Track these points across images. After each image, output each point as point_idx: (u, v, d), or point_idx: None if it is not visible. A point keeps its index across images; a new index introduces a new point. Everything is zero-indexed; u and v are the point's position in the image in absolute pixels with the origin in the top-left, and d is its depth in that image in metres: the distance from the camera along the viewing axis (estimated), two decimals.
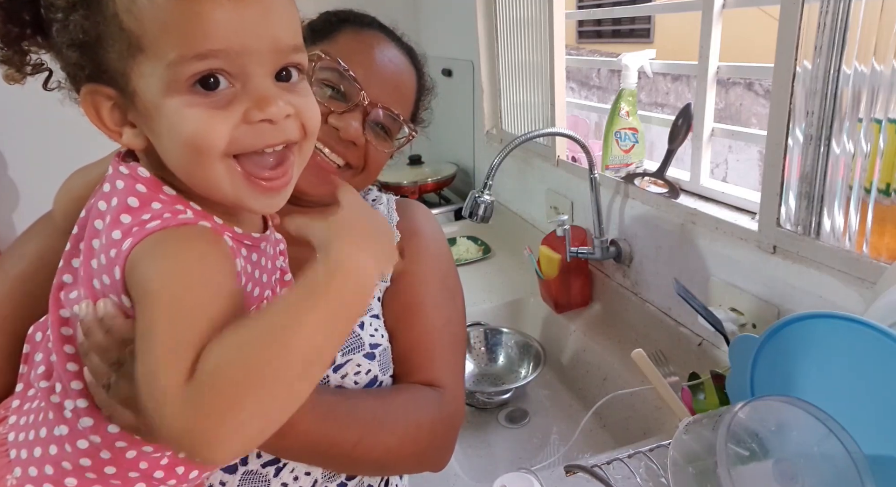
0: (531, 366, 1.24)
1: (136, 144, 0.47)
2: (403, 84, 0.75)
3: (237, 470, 0.65)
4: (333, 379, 0.68)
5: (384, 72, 0.73)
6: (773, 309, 0.89)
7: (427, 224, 0.84)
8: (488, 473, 1.04)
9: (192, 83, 0.43)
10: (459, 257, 1.64)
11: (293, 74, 0.49)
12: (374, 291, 0.46)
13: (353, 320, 0.45)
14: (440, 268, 0.80)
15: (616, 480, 0.65)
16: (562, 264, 1.25)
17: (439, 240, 0.84)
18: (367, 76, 0.70)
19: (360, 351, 0.70)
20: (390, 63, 0.74)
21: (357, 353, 0.70)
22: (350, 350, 0.70)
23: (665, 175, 1.16)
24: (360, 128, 0.69)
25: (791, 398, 0.54)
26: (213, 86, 0.44)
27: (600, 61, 1.47)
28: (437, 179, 1.99)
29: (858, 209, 0.77)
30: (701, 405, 0.84)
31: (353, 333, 0.71)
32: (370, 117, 0.70)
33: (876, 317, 0.58)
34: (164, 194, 0.47)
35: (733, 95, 5.12)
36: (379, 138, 0.72)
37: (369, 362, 0.70)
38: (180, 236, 0.45)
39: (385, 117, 0.72)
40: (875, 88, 0.71)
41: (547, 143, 1.49)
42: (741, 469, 0.51)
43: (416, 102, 0.79)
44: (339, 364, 0.69)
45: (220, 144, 0.44)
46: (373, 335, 0.72)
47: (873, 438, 0.54)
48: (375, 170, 0.75)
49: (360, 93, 0.69)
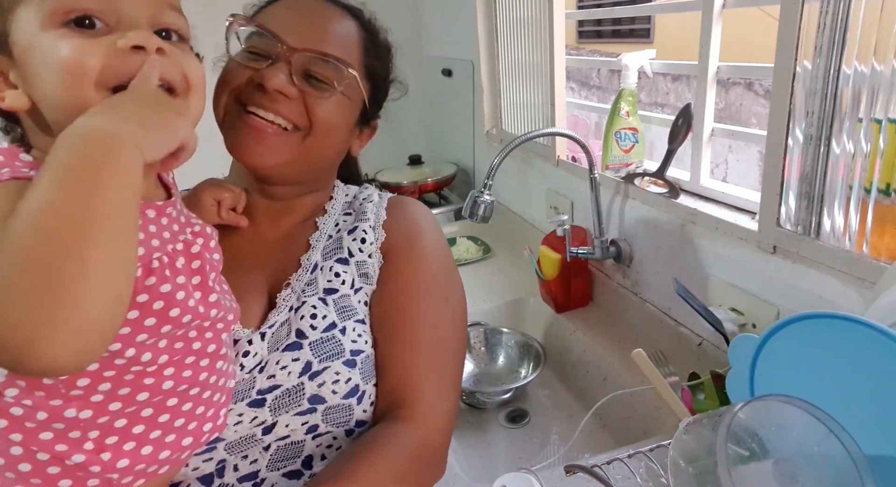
0: (531, 366, 1.24)
1: (18, 104, 0.47)
2: (334, 29, 0.69)
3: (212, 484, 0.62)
4: (310, 388, 0.63)
5: (305, 18, 0.67)
6: (773, 309, 0.89)
7: (421, 223, 0.78)
8: (488, 473, 1.04)
9: (67, 21, 0.45)
10: (459, 258, 1.64)
11: (172, 35, 0.51)
12: (133, 155, 0.42)
13: (110, 184, 0.41)
14: (430, 269, 0.74)
15: (616, 480, 0.65)
16: (562, 264, 1.25)
17: (433, 239, 0.78)
18: (286, 26, 0.65)
19: (340, 358, 0.65)
20: (313, 11, 0.69)
21: (336, 360, 0.65)
22: (328, 357, 0.65)
23: (665, 175, 1.16)
24: (286, 78, 0.64)
25: (791, 398, 0.54)
26: (88, 26, 0.46)
27: (600, 61, 1.47)
28: (437, 179, 1.99)
29: (858, 209, 0.77)
30: (701, 405, 0.84)
31: (334, 338, 0.66)
32: (297, 65, 0.65)
33: (876, 317, 0.58)
34: (20, 161, 0.47)
35: (733, 95, 5.12)
36: (314, 87, 0.66)
37: (349, 369, 0.65)
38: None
39: (314, 61, 0.66)
40: (875, 88, 0.71)
41: (547, 143, 1.49)
42: (741, 469, 0.51)
43: (366, 52, 0.72)
44: (317, 371, 0.64)
45: (92, 68, 0.45)
46: (355, 342, 0.67)
47: (873, 438, 0.54)
48: (325, 127, 0.68)
49: (277, 44, 0.64)
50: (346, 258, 0.72)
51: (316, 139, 0.68)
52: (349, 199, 0.81)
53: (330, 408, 0.64)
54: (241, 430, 0.62)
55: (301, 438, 0.63)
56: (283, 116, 0.65)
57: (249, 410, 0.61)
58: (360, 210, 0.77)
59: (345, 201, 0.80)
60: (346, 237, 0.73)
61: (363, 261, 0.72)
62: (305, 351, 0.64)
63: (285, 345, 0.64)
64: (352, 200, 0.80)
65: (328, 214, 0.77)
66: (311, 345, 0.64)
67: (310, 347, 0.64)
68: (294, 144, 0.67)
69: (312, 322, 0.65)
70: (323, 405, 0.64)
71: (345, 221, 0.76)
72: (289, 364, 0.63)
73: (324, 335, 0.65)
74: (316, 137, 0.68)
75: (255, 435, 0.62)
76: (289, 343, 0.64)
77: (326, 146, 0.71)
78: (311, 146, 0.68)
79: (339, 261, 0.71)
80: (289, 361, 0.63)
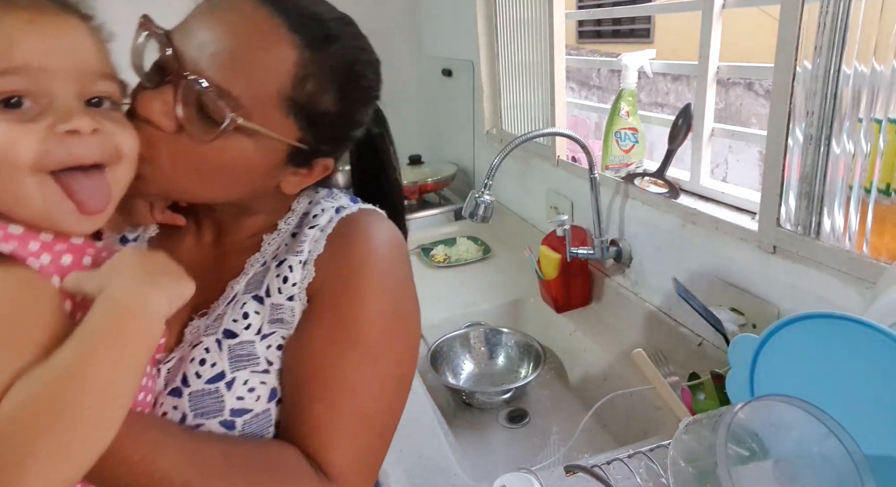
0: (531, 366, 1.24)
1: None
2: (243, 53, 0.53)
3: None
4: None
5: (212, 33, 0.53)
6: (773, 309, 0.89)
7: (369, 257, 0.61)
8: (488, 473, 1.04)
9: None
10: (459, 258, 1.64)
11: (104, 102, 0.49)
12: (161, 319, 0.44)
13: (146, 353, 0.45)
14: (361, 319, 0.59)
15: (616, 480, 0.65)
16: (562, 264, 1.25)
17: (377, 280, 0.61)
18: (188, 40, 0.53)
19: (216, 417, 0.55)
20: (229, 27, 0.53)
21: (211, 418, 0.55)
22: (203, 414, 0.55)
23: (665, 175, 1.16)
24: (161, 107, 0.52)
25: (791, 398, 0.54)
26: (16, 105, 0.44)
27: (600, 61, 1.47)
28: (437, 180, 1.99)
29: (858, 209, 0.77)
30: (701, 405, 0.84)
31: (216, 393, 0.56)
32: (183, 93, 0.52)
33: (876, 317, 0.58)
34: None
35: (733, 95, 5.12)
36: (197, 125, 0.52)
37: (226, 430, 0.55)
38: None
39: (204, 92, 0.51)
40: (875, 88, 0.71)
41: (547, 143, 1.49)
42: (741, 469, 0.51)
43: (298, 83, 0.54)
44: (193, 425, 0.55)
45: (26, 156, 0.44)
46: (241, 399, 0.56)
47: (873, 438, 0.54)
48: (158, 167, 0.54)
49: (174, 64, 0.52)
50: (263, 297, 0.59)
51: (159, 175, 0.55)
52: (306, 215, 0.65)
53: None
54: None
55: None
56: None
57: None
58: (300, 238, 0.62)
59: (301, 217, 0.65)
60: (272, 271, 0.60)
61: (279, 304, 0.59)
62: (184, 401, 0.55)
63: (171, 389, 0.56)
64: (303, 217, 0.65)
65: (278, 231, 0.64)
66: (189, 396, 0.55)
67: (188, 398, 0.55)
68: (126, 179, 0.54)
69: (199, 369, 0.56)
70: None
71: (286, 245, 0.63)
72: (169, 412, 0.55)
73: (207, 386, 0.56)
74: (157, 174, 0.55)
75: None
76: (173, 388, 0.56)
77: (193, 190, 0.58)
78: (163, 185, 0.56)
79: (255, 298, 0.59)
80: (169, 408, 0.55)
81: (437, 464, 0.88)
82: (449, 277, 1.56)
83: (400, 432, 0.99)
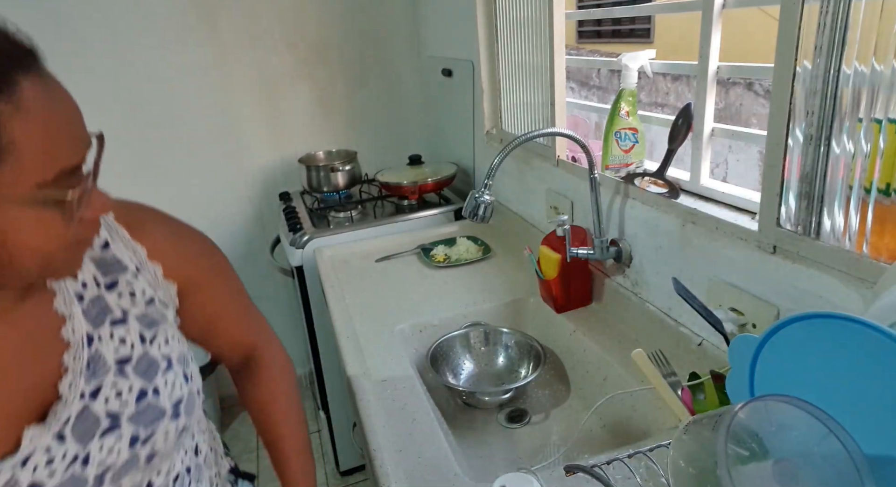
0: (531, 366, 1.24)
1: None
2: None
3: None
4: (143, 452, 0.61)
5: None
6: (773, 309, 0.89)
7: (165, 226, 0.70)
8: (488, 473, 1.04)
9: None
10: (459, 258, 1.64)
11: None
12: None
13: None
14: (203, 265, 0.74)
15: (616, 480, 0.65)
16: (562, 264, 1.25)
17: (185, 239, 0.72)
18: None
19: (164, 418, 0.62)
20: None
21: (161, 420, 0.62)
22: (152, 421, 0.61)
23: (665, 175, 1.16)
24: None
25: (791, 398, 0.54)
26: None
27: (600, 61, 1.47)
28: (437, 180, 1.99)
29: (858, 209, 0.77)
30: (701, 405, 0.84)
31: (150, 405, 0.61)
32: None
33: (876, 317, 0.58)
34: None
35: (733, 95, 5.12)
36: None
37: (176, 420, 0.63)
38: None
39: None
40: (875, 88, 0.71)
41: (547, 143, 1.49)
42: (741, 469, 0.51)
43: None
44: (146, 438, 0.61)
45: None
46: (172, 391, 0.64)
47: (873, 438, 0.54)
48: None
49: None
50: (122, 319, 0.63)
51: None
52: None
53: (165, 454, 0.64)
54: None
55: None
56: None
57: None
58: (111, 258, 0.64)
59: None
60: (109, 295, 0.62)
61: (143, 314, 0.64)
62: (126, 428, 0.60)
63: (101, 432, 0.58)
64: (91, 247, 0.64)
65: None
66: (130, 420, 0.60)
67: (129, 422, 0.60)
68: None
69: (119, 402, 0.60)
70: (158, 456, 0.63)
71: (97, 272, 0.63)
72: (113, 445, 0.59)
73: (138, 406, 0.61)
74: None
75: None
76: (104, 429, 0.59)
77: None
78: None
79: (114, 324, 0.62)
80: (112, 443, 0.59)
81: (437, 464, 0.88)
82: (449, 277, 1.56)
83: (400, 431, 0.99)
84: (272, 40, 2.15)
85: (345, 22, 2.20)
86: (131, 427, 0.60)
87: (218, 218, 2.30)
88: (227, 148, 2.23)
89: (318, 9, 2.16)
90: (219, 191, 2.27)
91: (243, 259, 2.36)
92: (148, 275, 0.66)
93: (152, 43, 2.02)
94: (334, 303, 1.44)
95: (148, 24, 2.00)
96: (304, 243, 1.80)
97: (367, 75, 2.30)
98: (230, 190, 2.28)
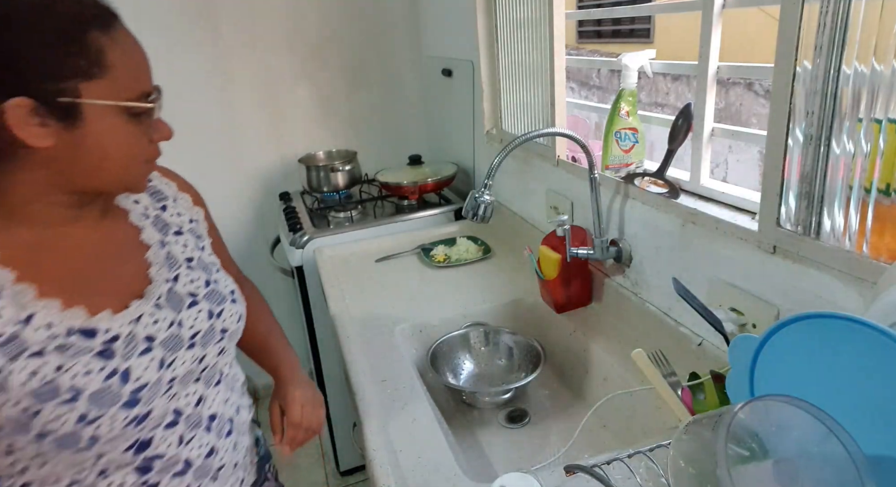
0: (531, 366, 1.24)
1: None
2: None
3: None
4: (218, 325, 0.81)
5: None
6: (773, 309, 0.89)
7: (181, 180, 0.92)
8: (488, 473, 1.04)
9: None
10: (459, 258, 1.64)
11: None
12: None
13: None
14: (205, 209, 0.94)
15: (616, 480, 0.65)
16: (562, 264, 1.25)
17: (192, 186, 0.94)
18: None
19: (227, 301, 0.84)
20: None
21: (225, 303, 0.83)
22: (219, 302, 0.82)
23: (665, 175, 1.16)
24: None
25: (791, 398, 0.54)
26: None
27: (600, 61, 1.47)
28: (437, 180, 1.99)
29: (858, 209, 0.77)
30: (701, 405, 0.84)
31: (215, 290, 0.82)
32: None
33: (876, 317, 0.58)
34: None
35: (733, 95, 5.12)
36: None
37: (234, 305, 0.85)
38: None
39: None
40: (875, 88, 0.71)
41: (547, 143, 1.49)
42: (741, 469, 0.51)
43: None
44: (218, 313, 0.81)
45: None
46: (227, 285, 0.86)
47: (873, 438, 0.54)
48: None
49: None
50: (180, 230, 0.84)
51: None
52: None
53: (232, 333, 0.84)
54: (186, 367, 0.76)
55: (215, 360, 0.81)
56: None
57: (188, 352, 0.76)
58: (155, 189, 0.85)
59: None
60: (163, 214, 0.83)
61: (190, 229, 0.86)
62: (203, 305, 0.80)
63: (186, 305, 0.78)
64: None
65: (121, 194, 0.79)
66: (204, 298, 0.80)
67: (204, 299, 0.80)
68: None
69: (193, 286, 0.80)
70: (228, 332, 0.83)
71: (150, 199, 0.83)
72: (197, 316, 0.78)
73: (207, 290, 0.82)
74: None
75: (194, 369, 0.77)
76: (188, 303, 0.78)
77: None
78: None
79: (175, 234, 0.83)
80: (196, 314, 0.78)
81: (437, 464, 0.88)
82: (449, 277, 1.56)
83: (400, 431, 0.99)
84: (272, 41, 2.15)
85: (345, 22, 2.20)
86: (207, 304, 0.80)
87: (218, 218, 2.26)
88: (228, 148, 2.23)
89: (318, 9, 2.16)
90: (219, 191, 2.27)
91: (243, 259, 2.36)
92: (183, 202, 0.87)
93: (153, 44, 2.01)
94: (334, 303, 1.44)
95: (149, 25, 2.00)
96: (304, 243, 1.80)
97: (367, 75, 2.30)
98: (230, 190, 2.28)
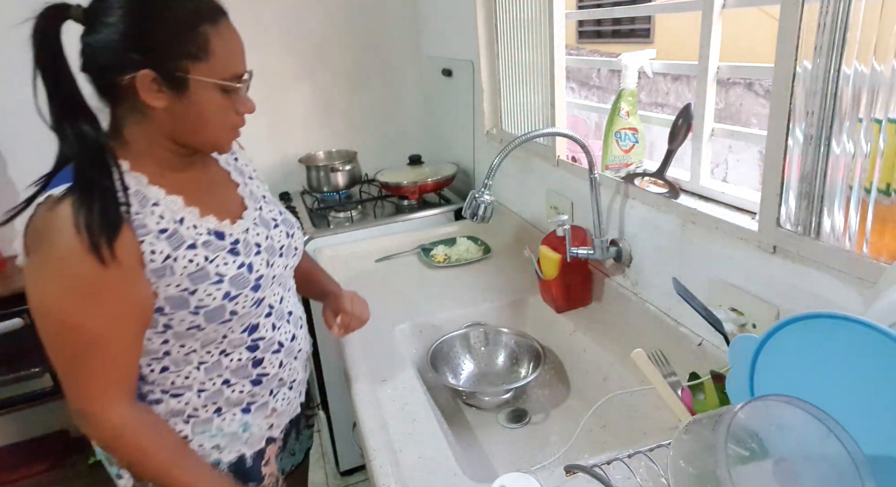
0: (531, 366, 1.24)
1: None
2: None
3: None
4: (290, 244, 1.01)
5: None
6: (773, 309, 0.89)
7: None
8: (488, 473, 1.04)
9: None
10: (459, 258, 1.64)
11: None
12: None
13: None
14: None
15: (616, 480, 0.65)
16: (562, 264, 1.25)
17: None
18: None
19: (295, 226, 1.06)
20: None
21: (294, 227, 1.05)
22: (291, 226, 1.04)
23: (665, 175, 1.16)
24: None
25: (791, 398, 0.54)
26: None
27: (600, 61, 1.47)
28: (437, 180, 1.99)
29: (858, 209, 0.77)
30: (701, 405, 0.84)
31: (286, 219, 1.03)
32: None
33: (876, 317, 0.58)
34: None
35: (733, 95, 5.12)
36: None
37: (300, 231, 1.07)
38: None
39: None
40: (875, 88, 0.71)
41: (547, 143, 1.49)
42: (741, 469, 0.51)
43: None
44: (291, 233, 1.03)
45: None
46: (290, 217, 1.05)
47: (873, 438, 0.54)
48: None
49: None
50: (252, 176, 1.03)
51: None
52: None
53: (300, 250, 1.05)
54: (279, 270, 0.97)
55: (290, 271, 1.03)
56: None
57: (279, 259, 0.97)
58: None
59: None
60: (239, 164, 1.02)
61: (257, 175, 1.06)
62: (282, 227, 1.00)
63: (272, 226, 0.98)
64: None
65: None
66: (282, 222, 1.01)
67: (282, 223, 1.01)
68: None
69: (273, 214, 1.00)
70: (299, 251, 1.04)
71: (227, 155, 1.02)
72: (279, 233, 0.99)
73: (282, 217, 1.02)
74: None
75: (280, 274, 0.97)
76: (273, 225, 0.99)
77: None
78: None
79: (249, 178, 1.02)
80: (279, 232, 0.99)
81: (437, 464, 0.88)
82: (449, 277, 1.56)
83: (400, 431, 0.99)
84: (272, 41, 2.15)
85: (345, 22, 2.20)
86: (284, 227, 1.01)
87: None
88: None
89: (318, 9, 2.16)
90: None
91: None
92: (244, 157, 1.05)
93: None
94: None
95: None
96: (305, 243, 1.80)
97: (367, 75, 2.30)
98: None
